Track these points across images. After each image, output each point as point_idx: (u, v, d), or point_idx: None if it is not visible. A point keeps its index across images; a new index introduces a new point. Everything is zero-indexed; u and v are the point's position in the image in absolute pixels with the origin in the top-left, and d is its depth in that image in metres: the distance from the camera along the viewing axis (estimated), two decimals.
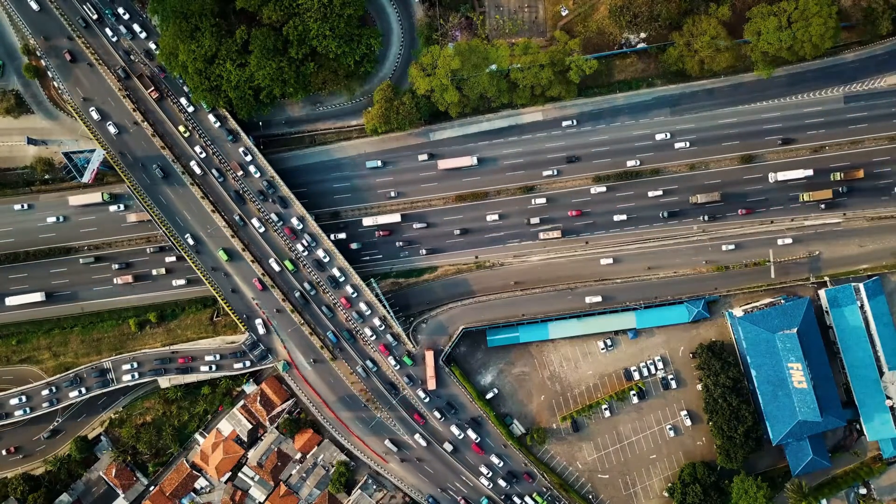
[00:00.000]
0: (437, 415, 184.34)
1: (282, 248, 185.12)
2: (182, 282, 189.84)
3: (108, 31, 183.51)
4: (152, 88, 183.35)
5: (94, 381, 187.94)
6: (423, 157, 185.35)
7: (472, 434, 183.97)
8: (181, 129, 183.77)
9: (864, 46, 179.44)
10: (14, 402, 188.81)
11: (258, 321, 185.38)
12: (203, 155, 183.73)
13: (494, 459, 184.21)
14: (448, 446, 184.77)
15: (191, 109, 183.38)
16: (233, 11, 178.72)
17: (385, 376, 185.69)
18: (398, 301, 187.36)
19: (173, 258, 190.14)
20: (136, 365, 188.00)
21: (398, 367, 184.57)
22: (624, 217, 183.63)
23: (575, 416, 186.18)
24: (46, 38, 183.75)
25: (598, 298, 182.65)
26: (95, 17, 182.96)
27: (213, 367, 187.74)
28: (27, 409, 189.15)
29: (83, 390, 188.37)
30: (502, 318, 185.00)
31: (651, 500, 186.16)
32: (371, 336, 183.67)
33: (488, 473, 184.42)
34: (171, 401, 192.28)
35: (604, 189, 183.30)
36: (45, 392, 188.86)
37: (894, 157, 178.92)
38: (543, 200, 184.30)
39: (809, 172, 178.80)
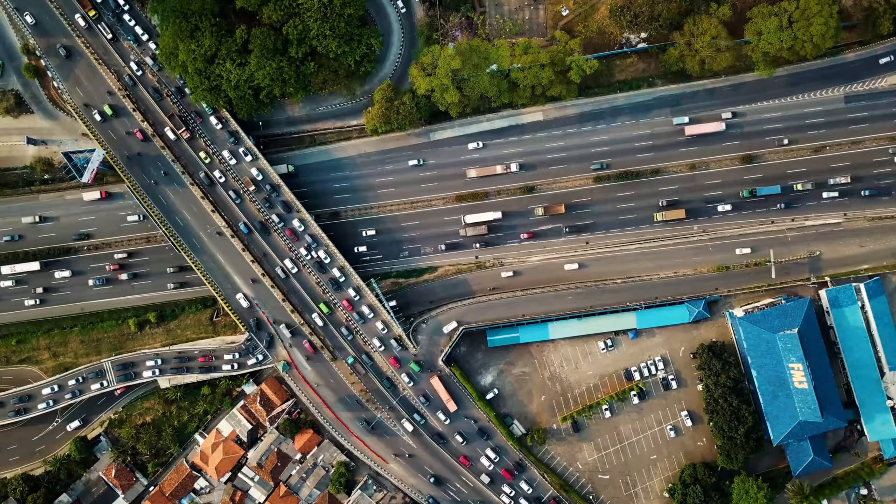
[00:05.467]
0: (460, 438, 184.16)
1: (315, 291, 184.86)
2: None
3: (132, 64, 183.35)
4: (183, 129, 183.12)
5: (117, 375, 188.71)
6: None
7: (491, 454, 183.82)
8: (202, 154, 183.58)
9: (864, 46, 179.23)
10: (46, 391, 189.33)
11: (243, 301, 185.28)
12: (222, 179, 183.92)
13: (523, 485, 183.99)
14: (485, 478, 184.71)
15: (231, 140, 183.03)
16: (233, 11, 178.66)
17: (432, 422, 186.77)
18: (398, 301, 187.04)
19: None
20: (159, 362, 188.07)
21: (412, 383, 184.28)
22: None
23: (575, 416, 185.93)
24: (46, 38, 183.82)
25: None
26: (111, 36, 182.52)
27: (235, 366, 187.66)
28: (50, 402, 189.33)
29: (105, 383, 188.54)
30: (502, 318, 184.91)
31: (651, 500, 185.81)
32: (379, 346, 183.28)
33: (511, 493, 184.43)
34: (171, 401, 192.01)
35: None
36: (71, 382, 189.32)
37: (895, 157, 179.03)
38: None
39: (498, 215, 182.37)
